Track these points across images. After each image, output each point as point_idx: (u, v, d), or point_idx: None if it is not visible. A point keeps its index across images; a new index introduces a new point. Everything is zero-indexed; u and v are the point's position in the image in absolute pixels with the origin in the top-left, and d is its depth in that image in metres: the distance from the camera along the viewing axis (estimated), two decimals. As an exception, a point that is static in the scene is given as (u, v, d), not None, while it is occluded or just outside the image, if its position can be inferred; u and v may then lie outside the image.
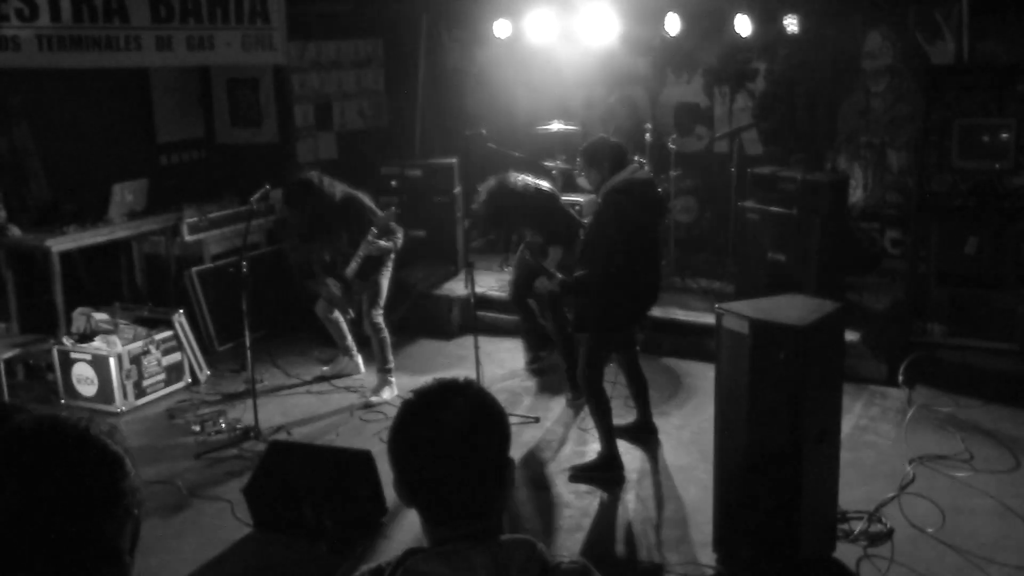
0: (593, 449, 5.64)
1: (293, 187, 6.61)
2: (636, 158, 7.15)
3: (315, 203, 6.45)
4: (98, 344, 6.59)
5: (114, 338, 6.62)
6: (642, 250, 5.31)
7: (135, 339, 6.69)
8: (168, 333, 6.89)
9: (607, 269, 5.15)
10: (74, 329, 6.78)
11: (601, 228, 5.22)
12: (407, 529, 4.75)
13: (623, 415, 5.96)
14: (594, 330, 5.36)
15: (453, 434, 1.71)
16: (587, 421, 6.14)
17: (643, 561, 4.63)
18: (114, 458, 1.38)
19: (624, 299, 5.31)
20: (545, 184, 6.56)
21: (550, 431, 6.11)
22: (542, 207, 6.31)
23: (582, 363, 5.39)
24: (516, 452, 5.75)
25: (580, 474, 5.41)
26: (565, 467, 5.58)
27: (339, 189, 6.55)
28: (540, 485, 5.40)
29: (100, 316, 6.83)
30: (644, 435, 5.89)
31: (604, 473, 5.38)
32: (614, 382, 5.95)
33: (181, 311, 7.11)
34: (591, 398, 5.39)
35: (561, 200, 6.65)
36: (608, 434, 5.40)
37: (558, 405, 6.49)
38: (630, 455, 5.65)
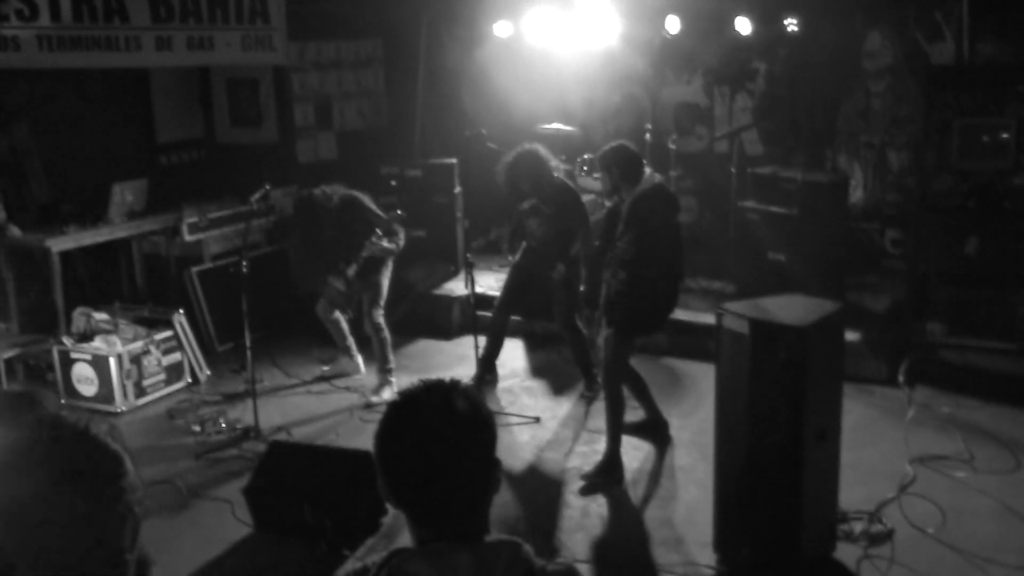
0: (593, 449, 5.65)
1: (295, 203, 6.65)
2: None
3: (315, 213, 6.47)
4: (98, 344, 6.58)
5: (114, 338, 6.62)
6: (674, 253, 5.45)
7: (135, 339, 6.69)
8: (168, 333, 6.89)
9: (649, 272, 5.24)
10: (74, 329, 6.78)
11: (643, 232, 5.25)
12: (407, 529, 4.74)
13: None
14: (626, 331, 5.38)
15: (438, 435, 1.70)
16: (591, 422, 6.15)
17: (643, 561, 4.62)
18: (114, 456, 1.40)
19: (661, 300, 5.46)
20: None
21: (550, 431, 6.11)
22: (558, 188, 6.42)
23: (607, 363, 5.41)
24: (516, 452, 5.75)
25: (590, 481, 5.38)
26: (565, 467, 5.59)
27: (339, 194, 6.55)
28: (540, 485, 5.39)
29: (100, 316, 6.83)
30: (657, 431, 5.90)
31: (607, 476, 5.38)
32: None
33: (181, 311, 7.11)
34: (610, 397, 5.41)
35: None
36: (617, 435, 5.41)
37: (558, 405, 6.49)
38: (630, 455, 5.65)
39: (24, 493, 1.34)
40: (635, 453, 5.71)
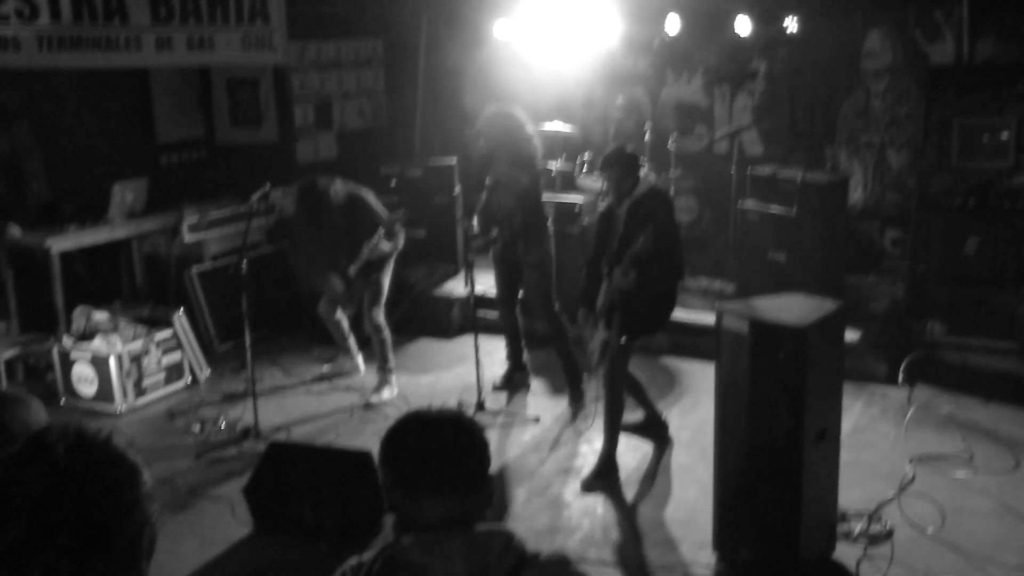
0: (593, 449, 5.64)
1: (299, 190, 6.64)
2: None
3: (319, 205, 6.47)
4: (98, 344, 6.58)
5: (114, 338, 6.62)
6: (677, 251, 5.47)
7: (135, 339, 6.69)
8: (168, 333, 6.90)
9: (657, 272, 5.25)
10: (74, 328, 6.78)
11: (655, 230, 5.24)
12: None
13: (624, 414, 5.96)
14: (632, 333, 5.39)
15: (440, 434, 1.87)
16: (591, 421, 6.14)
17: (642, 561, 4.63)
18: (132, 467, 1.44)
19: (665, 300, 5.47)
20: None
21: (550, 431, 6.11)
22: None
23: (611, 366, 5.40)
24: (515, 452, 5.76)
25: (591, 484, 5.37)
26: (565, 467, 5.59)
27: (345, 189, 6.56)
28: (540, 485, 5.40)
29: (100, 315, 6.82)
30: (656, 431, 5.90)
31: (604, 479, 5.37)
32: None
33: (181, 311, 7.11)
34: (610, 399, 5.40)
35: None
36: (613, 436, 5.40)
37: (558, 405, 6.49)
38: (630, 455, 5.65)
39: (31, 497, 1.36)
40: (634, 453, 5.71)
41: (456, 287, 8.22)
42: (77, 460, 1.39)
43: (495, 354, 6.97)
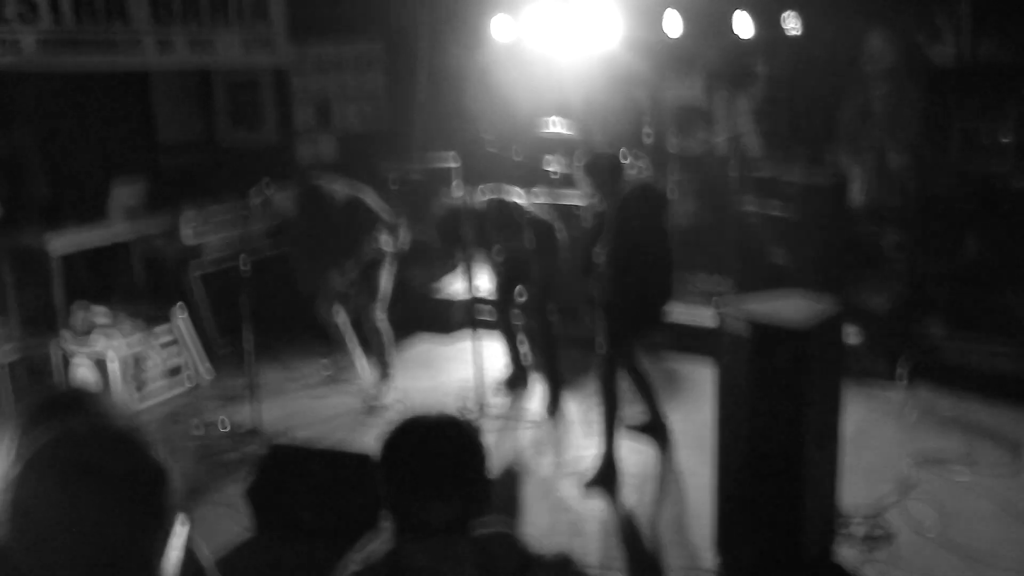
0: (595, 451, 5.64)
1: (299, 191, 6.65)
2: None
3: (320, 206, 6.48)
4: (99, 345, 6.58)
5: (115, 339, 6.62)
6: (660, 250, 5.44)
7: (136, 340, 6.69)
8: (169, 334, 6.89)
9: (633, 273, 5.24)
10: (71, 322, 6.76)
11: (626, 236, 5.26)
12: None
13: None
14: (615, 336, 5.38)
15: (437, 438, 1.89)
16: (591, 423, 6.14)
17: (643, 562, 4.63)
18: (156, 474, 1.42)
19: (649, 301, 5.45)
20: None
21: (551, 432, 6.11)
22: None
23: (600, 367, 5.40)
24: (516, 453, 5.76)
25: (593, 485, 5.37)
26: (565, 469, 5.59)
27: (344, 190, 6.57)
28: (541, 487, 5.40)
29: (98, 309, 6.80)
30: (657, 432, 5.90)
31: (604, 480, 5.37)
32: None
33: (182, 312, 7.11)
34: (604, 396, 5.40)
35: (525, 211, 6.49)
36: (610, 436, 5.40)
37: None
38: (631, 456, 5.65)
39: (34, 494, 1.35)
40: (636, 454, 5.71)
41: (456, 287, 8.23)
42: (96, 470, 1.38)
43: (496, 354, 6.97)
